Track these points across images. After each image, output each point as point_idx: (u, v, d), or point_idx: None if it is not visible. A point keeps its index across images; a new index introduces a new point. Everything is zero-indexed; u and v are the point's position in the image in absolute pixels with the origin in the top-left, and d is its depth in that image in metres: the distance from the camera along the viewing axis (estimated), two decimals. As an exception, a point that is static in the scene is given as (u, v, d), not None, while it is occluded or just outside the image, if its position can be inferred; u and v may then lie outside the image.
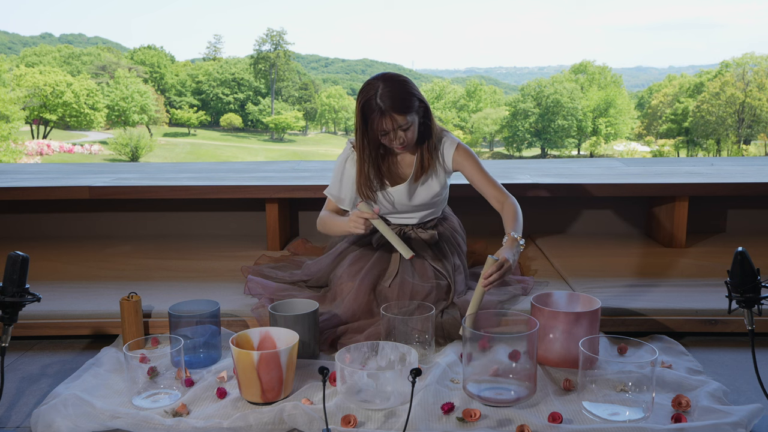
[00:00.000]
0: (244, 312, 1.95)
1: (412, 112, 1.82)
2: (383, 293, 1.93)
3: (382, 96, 1.78)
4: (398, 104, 1.78)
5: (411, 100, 1.81)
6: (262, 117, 46.58)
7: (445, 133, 2.02)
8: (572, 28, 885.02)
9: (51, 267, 2.49)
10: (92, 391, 1.51)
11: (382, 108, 1.78)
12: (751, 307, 1.44)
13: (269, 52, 50.69)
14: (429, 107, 1.91)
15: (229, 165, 3.70)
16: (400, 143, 1.86)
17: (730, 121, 33.83)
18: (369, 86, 1.81)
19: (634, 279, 2.24)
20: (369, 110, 1.80)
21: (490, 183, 1.97)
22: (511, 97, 45.82)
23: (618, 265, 2.43)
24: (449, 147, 1.99)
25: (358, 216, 1.76)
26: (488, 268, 1.65)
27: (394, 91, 1.79)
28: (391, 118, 1.79)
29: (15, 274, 1.44)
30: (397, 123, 1.81)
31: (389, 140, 1.86)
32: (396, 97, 1.78)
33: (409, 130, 1.84)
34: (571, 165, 3.52)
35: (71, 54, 48.20)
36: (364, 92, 1.81)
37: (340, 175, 2.02)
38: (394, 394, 1.43)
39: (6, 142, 24.01)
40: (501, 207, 1.93)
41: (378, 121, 1.80)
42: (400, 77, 1.84)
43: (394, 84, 1.80)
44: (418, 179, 1.99)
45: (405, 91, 1.81)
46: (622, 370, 1.43)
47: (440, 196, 2.06)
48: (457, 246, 2.14)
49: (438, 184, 2.02)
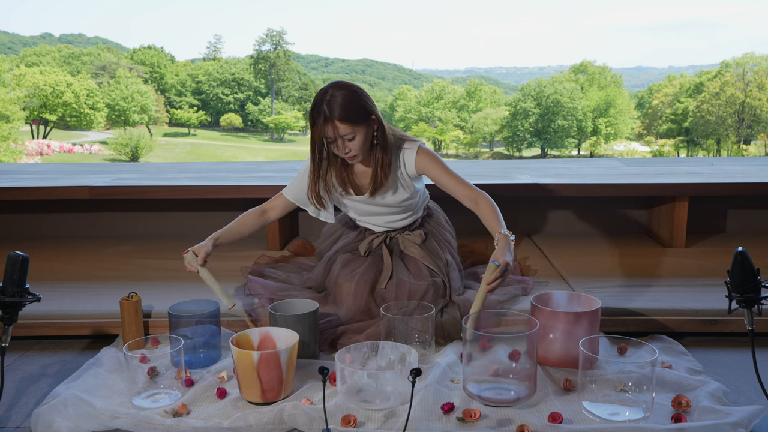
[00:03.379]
0: (244, 312, 1.95)
1: (359, 123, 1.79)
2: (381, 294, 1.93)
3: (329, 102, 1.76)
4: (343, 113, 1.76)
5: (358, 111, 1.78)
6: (262, 117, 46.58)
7: (405, 139, 1.96)
8: (572, 28, 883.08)
9: (51, 267, 2.49)
10: (92, 391, 1.51)
11: (326, 114, 1.76)
12: (751, 307, 1.44)
13: (269, 52, 50.69)
14: (382, 120, 1.87)
15: (229, 165, 3.70)
16: (345, 153, 1.83)
17: (730, 121, 33.83)
18: (321, 92, 1.79)
19: (635, 279, 2.24)
20: (316, 114, 1.78)
21: (457, 182, 1.91)
22: (511, 97, 45.82)
23: (618, 265, 2.43)
24: (410, 153, 1.93)
25: (186, 264, 1.87)
26: (491, 273, 1.63)
27: (342, 99, 1.76)
28: (333, 126, 1.77)
29: (15, 274, 1.44)
30: (338, 132, 1.77)
31: (336, 149, 1.84)
32: (342, 106, 1.75)
33: (354, 141, 1.80)
34: (571, 165, 3.52)
35: (71, 54, 48.21)
36: (316, 97, 1.80)
37: (300, 177, 2.00)
38: (394, 394, 1.43)
39: (6, 142, 24.02)
40: (475, 204, 1.86)
41: (321, 127, 1.78)
42: (353, 87, 1.81)
43: (344, 93, 1.77)
44: (375, 194, 1.96)
45: (353, 101, 1.78)
46: (622, 370, 1.43)
47: (412, 200, 2.03)
48: (446, 243, 2.13)
49: (405, 191, 1.98)
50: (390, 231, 2.10)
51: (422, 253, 2.03)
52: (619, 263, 2.45)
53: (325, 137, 1.81)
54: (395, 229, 2.10)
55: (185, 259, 1.87)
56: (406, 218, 2.09)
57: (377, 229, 2.10)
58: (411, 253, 2.04)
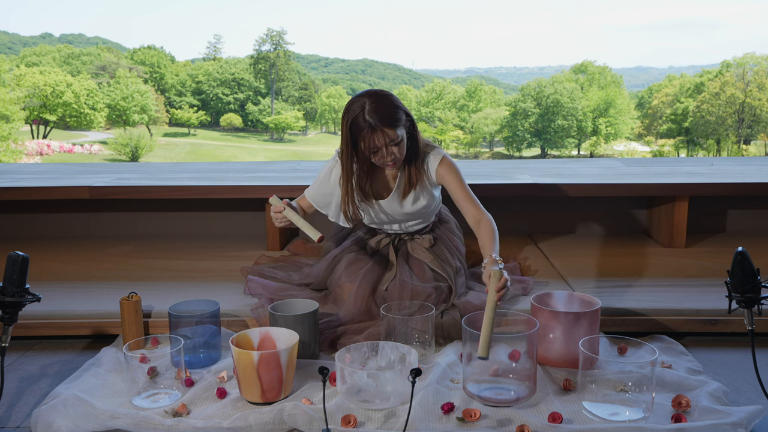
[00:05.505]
0: (244, 312, 1.95)
1: (400, 125, 1.80)
2: (382, 296, 1.93)
3: (370, 112, 1.74)
4: (387, 118, 1.76)
5: (398, 113, 1.79)
6: (262, 117, 46.58)
7: (430, 146, 1.98)
8: (572, 28, 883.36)
9: (51, 267, 2.49)
10: (92, 391, 1.51)
11: (372, 124, 1.75)
12: (751, 307, 1.44)
13: (269, 52, 50.69)
14: (414, 121, 1.88)
15: (229, 165, 3.70)
16: (391, 159, 1.82)
17: (730, 121, 33.82)
18: (354, 104, 1.78)
19: (634, 279, 2.24)
20: (357, 128, 1.76)
21: (469, 200, 1.92)
22: (511, 97, 45.80)
23: (618, 265, 2.43)
24: (434, 160, 1.95)
25: (273, 211, 1.84)
26: (497, 280, 1.58)
27: (382, 105, 1.76)
28: (383, 133, 1.76)
29: (15, 274, 1.44)
30: (388, 138, 1.77)
31: (381, 157, 1.82)
32: (384, 112, 1.76)
33: (400, 145, 1.81)
34: (571, 165, 3.52)
35: (71, 54, 48.22)
36: (351, 111, 1.77)
37: (320, 181, 1.98)
38: (394, 394, 1.43)
39: (6, 142, 24.00)
40: (477, 225, 1.87)
41: (369, 138, 1.76)
42: (384, 92, 1.82)
43: (380, 99, 1.77)
44: (407, 195, 1.96)
45: (392, 104, 1.78)
46: (622, 370, 1.43)
47: (429, 207, 2.04)
48: (455, 249, 2.13)
49: (425, 198, 1.99)
50: (400, 233, 2.11)
51: (430, 257, 2.03)
52: (619, 263, 2.45)
53: (373, 147, 1.79)
54: (406, 232, 2.10)
55: (271, 203, 1.85)
56: (418, 224, 2.09)
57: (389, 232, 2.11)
58: (419, 256, 2.03)
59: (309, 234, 1.74)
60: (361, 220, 2.01)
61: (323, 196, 1.99)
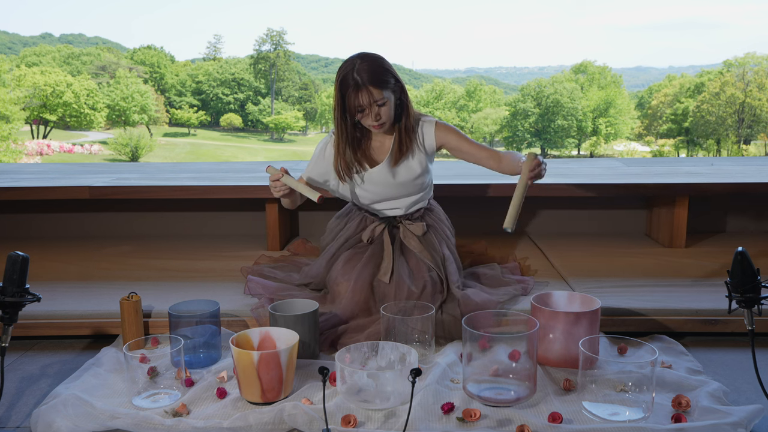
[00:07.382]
0: (244, 312, 1.95)
1: (387, 88, 1.87)
2: (380, 289, 1.93)
3: (359, 70, 1.83)
4: (374, 78, 1.84)
5: (386, 75, 1.87)
6: (262, 117, 46.58)
7: (422, 115, 2.05)
8: (572, 28, 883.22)
9: (51, 267, 2.49)
10: (92, 391, 1.51)
11: (359, 82, 1.83)
12: (751, 307, 1.44)
13: (269, 52, 50.71)
14: (404, 87, 1.95)
15: (229, 165, 3.70)
16: (375, 119, 1.89)
17: (730, 121, 33.82)
18: (347, 63, 1.87)
19: (634, 279, 2.24)
20: (346, 85, 1.85)
21: (478, 147, 2.02)
22: (511, 97, 45.79)
23: (618, 265, 2.43)
24: (428, 126, 2.02)
25: (271, 180, 1.86)
26: (531, 161, 1.74)
27: (371, 65, 1.84)
28: (368, 92, 1.84)
29: (15, 274, 1.44)
30: (373, 97, 1.84)
31: (365, 116, 1.89)
32: (372, 71, 1.84)
33: (385, 106, 1.88)
34: (571, 165, 3.52)
35: (71, 54, 48.23)
36: (342, 69, 1.87)
37: (316, 159, 2.04)
38: (394, 394, 1.43)
39: (6, 142, 24.01)
40: (498, 161, 1.98)
41: (354, 96, 1.85)
42: (375, 55, 1.90)
43: (370, 60, 1.86)
44: (398, 161, 2.00)
45: (380, 66, 1.86)
46: (622, 370, 1.43)
47: (422, 179, 2.06)
48: (445, 237, 2.14)
49: (419, 166, 2.03)
50: (392, 217, 2.10)
51: (420, 246, 2.03)
52: (619, 263, 2.45)
53: (358, 106, 1.86)
54: (399, 216, 2.10)
55: (268, 171, 1.89)
56: (413, 204, 2.10)
57: (381, 214, 2.11)
58: (410, 245, 2.04)
59: (308, 195, 1.81)
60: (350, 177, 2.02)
61: (320, 174, 2.04)
